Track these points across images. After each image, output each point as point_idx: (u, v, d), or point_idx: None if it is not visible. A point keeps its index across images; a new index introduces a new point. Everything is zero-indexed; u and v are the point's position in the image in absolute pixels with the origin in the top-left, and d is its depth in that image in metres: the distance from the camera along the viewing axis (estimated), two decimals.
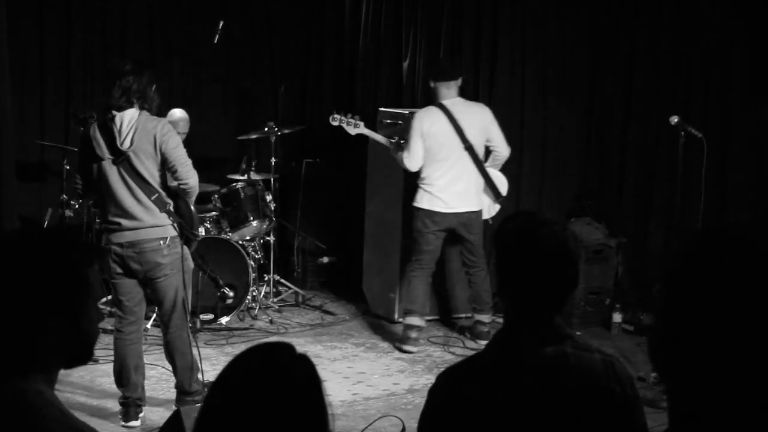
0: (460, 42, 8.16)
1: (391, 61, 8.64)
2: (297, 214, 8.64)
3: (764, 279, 1.45)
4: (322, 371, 1.90)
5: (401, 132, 7.33)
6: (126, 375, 5.27)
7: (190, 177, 5.17)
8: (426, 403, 2.43)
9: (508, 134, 6.93)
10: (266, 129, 7.79)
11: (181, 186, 5.19)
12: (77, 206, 7.28)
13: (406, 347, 6.78)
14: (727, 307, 1.43)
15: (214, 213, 7.44)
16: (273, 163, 7.92)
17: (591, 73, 7.74)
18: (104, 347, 6.30)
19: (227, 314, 7.10)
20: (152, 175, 5.13)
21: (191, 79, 8.82)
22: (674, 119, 6.11)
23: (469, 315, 7.22)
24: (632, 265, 7.50)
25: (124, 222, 5.15)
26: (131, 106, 5.09)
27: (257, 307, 7.53)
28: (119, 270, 5.22)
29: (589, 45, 7.71)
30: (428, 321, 7.46)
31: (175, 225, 5.20)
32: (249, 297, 7.32)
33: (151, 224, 5.15)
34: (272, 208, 7.54)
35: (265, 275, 7.80)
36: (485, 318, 6.91)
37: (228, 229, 7.31)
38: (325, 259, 8.56)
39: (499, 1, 7.97)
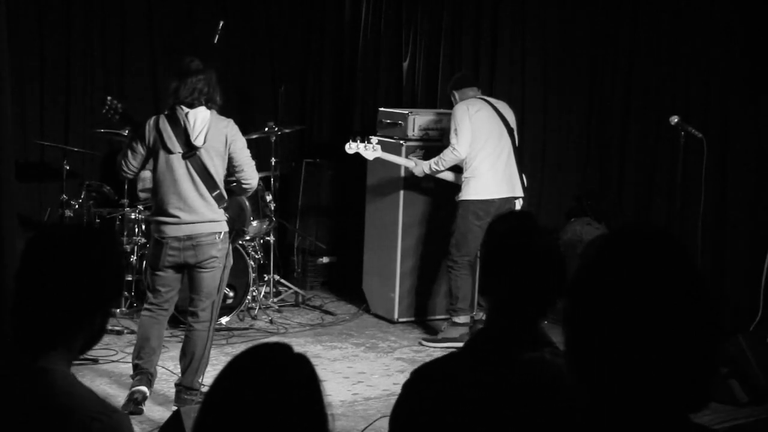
0: (460, 42, 8.17)
1: (391, 61, 8.64)
2: (297, 213, 8.65)
3: (671, 280, 1.45)
4: (322, 371, 1.91)
5: (402, 132, 7.35)
6: (147, 350, 5.42)
7: (253, 177, 5.47)
8: (399, 396, 2.42)
9: None
10: (266, 129, 7.80)
11: (244, 185, 5.47)
12: (77, 206, 7.28)
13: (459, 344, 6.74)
14: (634, 308, 1.43)
15: None
16: (273, 163, 7.92)
17: (591, 73, 7.73)
18: (104, 347, 6.31)
19: (227, 314, 7.09)
20: (217, 172, 5.34)
21: None
22: (674, 119, 6.11)
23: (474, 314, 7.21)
24: None
25: (184, 215, 5.29)
26: (201, 105, 5.27)
27: (257, 307, 7.53)
28: (170, 263, 5.34)
29: (589, 45, 7.71)
30: (433, 320, 7.48)
31: (227, 221, 5.40)
32: (249, 297, 7.32)
33: (210, 218, 5.32)
34: (272, 208, 7.54)
35: (265, 275, 7.79)
36: None
37: None
38: (325, 259, 8.56)
39: (499, 1, 7.97)
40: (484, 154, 6.73)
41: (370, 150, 7.03)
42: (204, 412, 1.86)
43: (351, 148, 7.04)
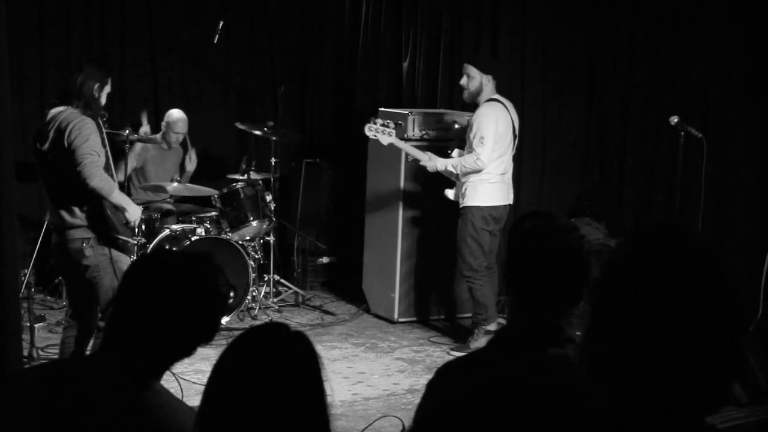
0: (460, 42, 8.16)
1: (391, 61, 8.64)
2: (297, 214, 8.65)
3: (696, 279, 1.43)
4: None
5: (402, 132, 7.34)
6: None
7: (88, 176, 4.86)
8: (423, 396, 2.43)
9: None
10: (266, 129, 7.81)
11: (86, 183, 4.89)
12: None
13: None
14: (658, 306, 1.42)
15: (213, 213, 7.45)
16: (273, 163, 7.92)
17: (591, 73, 7.73)
18: None
19: (227, 314, 7.09)
20: (71, 171, 4.91)
21: (191, 79, 8.82)
22: (674, 119, 6.10)
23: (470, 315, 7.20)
24: None
25: (54, 220, 5.09)
26: (63, 104, 5.01)
27: (257, 307, 7.53)
28: (60, 270, 5.25)
29: (589, 45, 7.71)
30: (433, 320, 7.48)
31: (99, 225, 4.99)
32: (249, 297, 7.32)
33: (71, 224, 5.00)
34: (272, 208, 7.54)
35: (265, 275, 7.79)
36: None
37: (228, 229, 7.30)
38: (325, 259, 8.56)
39: (499, 1, 7.97)
40: (497, 163, 6.68)
41: (386, 135, 6.85)
42: (209, 390, 1.89)
43: (371, 130, 6.84)
